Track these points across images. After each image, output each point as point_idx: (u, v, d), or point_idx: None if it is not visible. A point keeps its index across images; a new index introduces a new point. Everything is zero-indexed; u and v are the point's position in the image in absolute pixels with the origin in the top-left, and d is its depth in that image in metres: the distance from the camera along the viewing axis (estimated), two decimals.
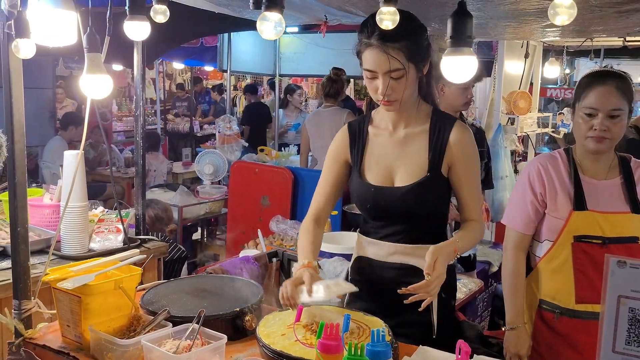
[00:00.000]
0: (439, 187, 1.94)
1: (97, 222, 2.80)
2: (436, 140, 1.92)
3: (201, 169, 5.36)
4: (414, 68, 1.83)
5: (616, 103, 2.05)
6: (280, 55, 7.23)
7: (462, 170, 1.93)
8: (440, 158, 1.91)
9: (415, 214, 1.94)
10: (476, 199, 1.97)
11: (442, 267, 1.75)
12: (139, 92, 2.83)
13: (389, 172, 1.97)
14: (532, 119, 5.03)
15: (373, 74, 1.84)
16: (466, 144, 1.93)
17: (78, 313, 1.74)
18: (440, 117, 1.97)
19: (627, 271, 1.00)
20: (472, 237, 1.96)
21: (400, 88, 1.83)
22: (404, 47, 1.78)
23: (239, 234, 4.79)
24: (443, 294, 1.91)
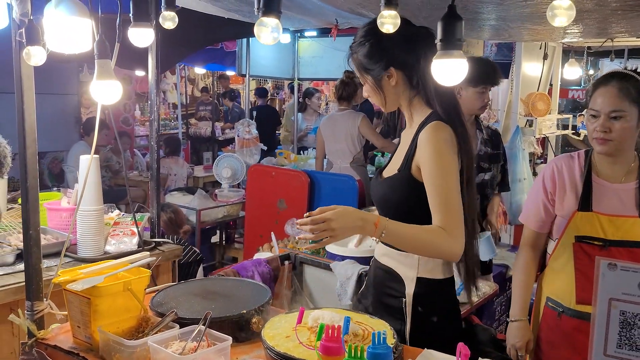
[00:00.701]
0: (407, 187, 1.87)
1: (113, 225, 2.85)
2: (412, 140, 1.90)
3: (219, 173, 5.41)
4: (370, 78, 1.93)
5: (616, 104, 2.04)
6: (299, 59, 7.27)
7: (424, 170, 1.81)
8: (410, 159, 1.87)
9: (384, 207, 1.96)
10: (440, 203, 1.76)
11: (335, 219, 1.68)
12: (154, 97, 2.87)
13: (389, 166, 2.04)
14: (552, 121, 4.97)
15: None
16: (429, 144, 1.79)
17: (88, 314, 1.78)
18: (429, 117, 1.91)
19: (617, 274, 0.99)
20: (422, 236, 1.75)
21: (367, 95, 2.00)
22: (357, 60, 1.94)
23: (256, 237, 4.82)
24: (420, 307, 1.89)
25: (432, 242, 1.75)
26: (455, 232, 1.74)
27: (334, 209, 1.71)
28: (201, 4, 2.91)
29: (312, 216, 1.72)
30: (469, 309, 2.84)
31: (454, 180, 1.79)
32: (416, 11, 2.47)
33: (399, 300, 1.91)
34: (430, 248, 1.77)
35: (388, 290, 1.95)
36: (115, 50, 1.97)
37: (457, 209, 1.77)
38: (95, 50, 1.87)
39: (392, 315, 1.91)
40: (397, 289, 1.92)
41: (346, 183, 4.46)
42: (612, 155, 2.13)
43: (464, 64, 1.40)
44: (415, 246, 1.79)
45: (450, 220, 1.75)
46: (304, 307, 1.84)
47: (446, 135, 1.82)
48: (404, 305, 1.89)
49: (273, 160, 6.59)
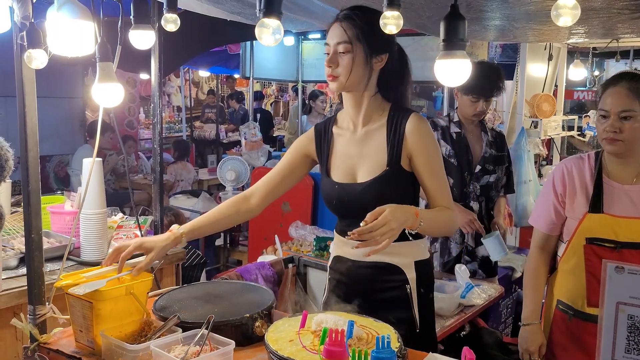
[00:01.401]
0: (400, 180, 1.94)
1: (116, 229, 2.85)
2: (393, 133, 1.94)
3: (223, 175, 5.40)
4: (361, 50, 1.88)
5: (626, 104, 2.04)
6: (303, 62, 7.26)
7: (421, 160, 1.92)
8: (399, 151, 1.93)
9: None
10: (442, 186, 1.95)
11: (392, 218, 1.67)
12: (156, 100, 2.85)
13: (352, 170, 2.00)
14: (557, 122, 4.94)
15: (327, 47, 1.94)
16: (422, 133, 1.93)
17: (90, 318, 1.77)
18: (397, 110, 1.98)
19: (625, 277, 0.97)
20: (440, 216, 1.91)
21: (345, 64, 1.89)
22: (357, 26, 1.88)
23: (260, 240, 4.82)
24: (422, 289, 1.97)
25: (449, 221, 1.95)
26: (453, 207, 1.96)
27: (386, 210, 1.69)
28: (204, 6, 2.90)
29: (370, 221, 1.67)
30: (474, 311, 2.82)
31: (442, 164, 1.99)
32: (420, 11, 2.45)
33: (402, 288, 1.95)
34: (448, 227, 2.00)
35: (385, 284, 1.97)
36: (116, 53, 1.96)
37: (449, 192, 1.99)
38: (97, 53, 1.86)
39: (395, 307, 1.94)
40: (397, 279, 1.96)
41: None
42: (622, 155, 2.12)
43: (467, 65, 1.38)
44: (440, 228, 1.99)
45: (446, 199, 1.95)
46: (307, 311, 1.82)
47: (428, 124, 1.99)
48: (409, 291, 1.95)
49: (277, 162, 6.58)
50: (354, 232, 1.67)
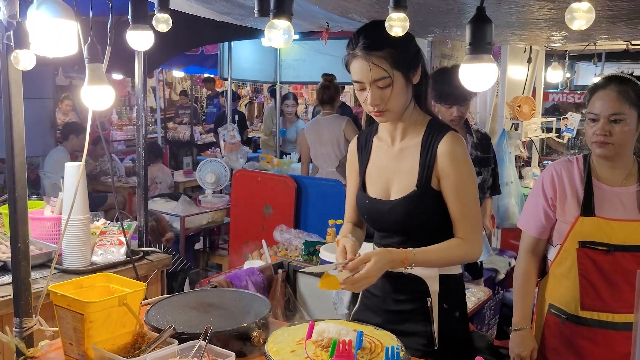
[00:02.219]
0: (429, 201, 1.86)
1: (99, 235, 2.76)
2: (426, 152, 1.87)
3: (203, 178, 5.31)
4: (401, 76, 1.80)
5: (616, 107, 2.04)
6: (281, 63, 7.20)
7: (448, 183, 1.85)
8: (429, 172, 1.85)
9: (406, 228, 1.91)
10: (464, 215, 1.86)
11: (373, 270, 1.71)
12: (141, 101, 2.78)
13: (386, 185, 1.95)
14: (536, 124, 4.99)
15: (361, 84, 1.83)
16: (453, 157, 1.84)
17: (81, 331, 1.69)
18: (434, 127, 1.90)
19: None
20: (446, 254, 1.85)
21: (390, 98, 1.80)
22: (388, 54, 1.76)
23: (241, 244, 4.74)
24: (445, 304, 1.89)
25: (455, 256, 1.87)
26: (472, 238, 1.86)
27: (369, 260, 1.72)
28: (193, 6, 2.83)
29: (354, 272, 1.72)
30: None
31: (474, 190, 1.89)
32: (411, 14, 2.42)
33: (422, 300, 1.89)
34: (453, 261, 1.91)
35: (405, 294, 1.91)
36: (106, 53, 1.89)
37: (475, 217, 1.88)
38: (87, 54, 1.79)
39: (414, 319, 1.88)
40: (419, 291, 1.89)
41: (333, 188, 4.40)
42: (612, 159, 2.12)
43: (494, 69, 1.35)
44: (440, 265, 1.88)
45: (469, 229, 1.86)
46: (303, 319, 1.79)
47: (464, 146, 1.88)
48: (430, 305, 1.88)
49: (256, 164, 6.51)
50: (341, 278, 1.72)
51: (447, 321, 1.90)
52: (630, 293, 2.08)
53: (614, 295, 2.09)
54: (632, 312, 2.05)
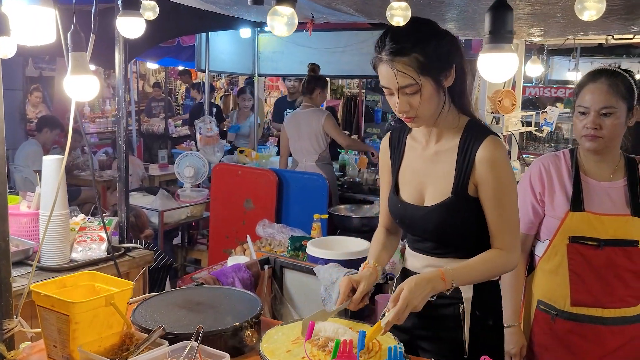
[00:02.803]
0: (465, 209, 1.78)
1: (79, 231, 2.66)
2: (463, 158, 1.76)
3: (181, 172, 5.21)
4: (430, 81, 1.69)
5: (607, 101, 2.02)
6: (259, 55, 7.11)
7: (487, 191, 1.75)
8: (466, 178, 1.76)
9: (440, 234, 1.83)
10: (503, 225, 1.77)
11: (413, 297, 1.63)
12: (121, 93, 2.69)
13: (420, 189, 1.87)
14: (517, 117, 4.99)
15: (388, 90, 1.74)
16: (493, 163, 1.73)
17: (66, 333, 1.61)
18: (472, 131, 1.79)
19: None
20: (485, 267, 1.77)
21: (417, 103, 1.70)
22: (414, 61, 1.65)
23: (221, 238, 4.67)
24: (477, 311, 1.81)
25: (494, 269, 1.80)
26: (512, 248, 1.79)
27: (404, 289, 1.65)
28: None
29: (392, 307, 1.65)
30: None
31: (515, 197, 1.82)
32: None
33: (455, 307, 1.81)
34: (493, 274, 1.83)
35: (438, 300, 1.77)
36: (90, 42, 1.80)
37: (516, 225, 1.82)
38: (70, 42, 1.71)
39: (444, 325, 1.81)
40: (450, 296, 1.78)
41: (316, 182, 4.35)
42: (600, 152, 2.11)
43: (514, 59, 1.30)
44: (482, 279, 1.81)
45: (511, 240, 1.79)
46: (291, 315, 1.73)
47: (505, 151, 1.79)
48: (461, 311, 1.80)
49: (234, 158, 6.42)
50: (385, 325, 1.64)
51: (479, 329, 1.82)
52: (620, 288, 2.08)
53: (604, 290, 2.08)
54: (621, 306, 2.08)
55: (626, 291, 2.08)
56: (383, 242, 2.02)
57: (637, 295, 2.10)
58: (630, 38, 4.51)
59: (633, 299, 2.09)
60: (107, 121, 10.71)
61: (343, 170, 5.83)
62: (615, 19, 2.85)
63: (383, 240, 2.03)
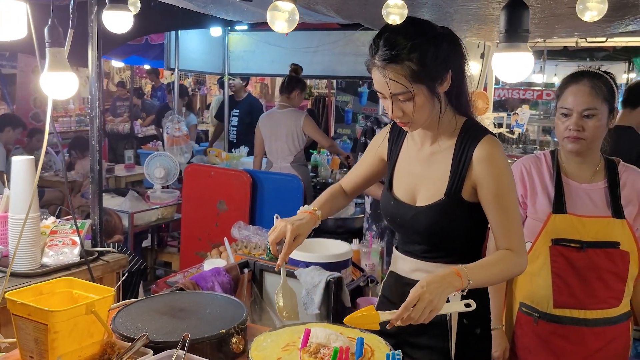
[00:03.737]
0: (457, 212, 1.75)
1: (50, 234, 2.56)
2: (459, 159, 1.74)
3: (151, 173, 5.09)
4: (424, 89, 1.65)
5: (589, 102, 2.03)
6: (229, 54, 7.02)
7: (487, 192, 1.72)
8: (461, 180, 1.73)
9: (430, 236, 1.80)
10: (508, 225, 1.73)
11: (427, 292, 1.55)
12: (95, 91, 2.60)
13: (413, 189, 1.84)
14: (489, 119, 5.03)
15: (382, 94, 1.71)
16: (492, 162, 1.70)
17: (44, 343, 1.53)
18: (468, 131, 1.76)
19: None
20: (497, 267, 1.71)
21: (410, 110, 1.67)
22: (407, 68, 1.61)
23: (194, 240, 4.58)
24: (465, 320, 1.78)
25: (507, 270, 1.74)
26: (520, 249, 1.74)
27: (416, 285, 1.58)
28: None
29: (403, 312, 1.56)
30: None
31: (516, 197, 1.79)
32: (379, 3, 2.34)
33: (442, 315, 1.74)
34: (506, 275, 1.79)
35: None
36: (68, 38, 1.72)
37: (519, 226, 1.77)
38: (47, 37, 1.63)
39: (430, 333, 1.78)
40: None
41: (290, 183, 4.31)
42: (582, 154, 2.12)
43: (530, 58, 1.28)
44: (496, 281, 1.81)
45: (515, 240, 1.73)
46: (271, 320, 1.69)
47: (502, 150, 1.75)
48: (448, 319, 1.77)
49: (204, 159, 6.32)
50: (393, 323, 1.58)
51: (466, 338, 1.80)
52: (601, 289, 2.09)
53: (586, 292, 2.09)
54: (603, 308, 2.09)
55: (608, 293, 2.09)
56: (334, 194, 2.02)
57: (618, 296, 2.11)
58: (602, 41, 4.59)
59: (614, 300, 2.11)
60: (71, 120, 10.44)
61: (315, 171, 5.80)
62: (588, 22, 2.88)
63: (335, 194, 2.03)
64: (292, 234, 1.75)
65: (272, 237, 1.79)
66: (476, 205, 1.76)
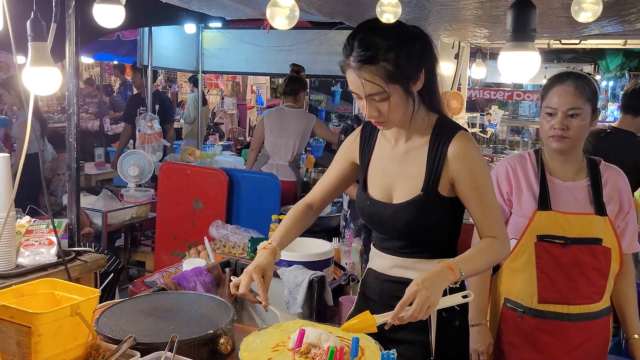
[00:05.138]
0: (434, 207, 1.78)
1: (25, 234, 2.49)
2: (434, 155, 1.77)
3: (125, 171, 5.00)
4: (398, 88, 1.67)
5: (574, 102, 2.08)
6: (203, 51, 6.95)
7: (465, 186, 1.76)
8: (437, 176, 1.76)
9: (409, 233, 1.81)
10: (490, 214, 1.78)
11: (417, 291, 1.56)
12: (72, 87, 2.54)
13: (388, 188, 1.85)
14: (463, 119, 5.10)
15: (357, 95, 1.72)
16: (467, 157, 1.74)
17: (27, 346, 1.49)
18: (442, 128, 1.79)
19: None
20: (485, 255, 1.75)
21: (386, 110, 1.70)
22: (382, 69, 1.63)
23: (169, 240, 4.52)
24: (444, 313, 1.80)
25: (494, 257, 1.80)
26: (502, 236, 1.79)
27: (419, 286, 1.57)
28: None
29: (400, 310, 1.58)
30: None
31: (492, 187, 1.83)
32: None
33: None
34: (493, 261, 1.84)
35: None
36: (51, 32, 1.67)
37: (499, 214, 1.83)
38: (30, 31, 1.58)
39: (410, 327, 1.73)
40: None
41: (268, 181, 4.27)
42: (566, 153, 2.16)
43: (537, 58, 1.28)
44: (484, 268, 1.84)
45: (497, 228, 1.79)
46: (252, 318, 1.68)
47: (476, 144, 1.80)
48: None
49: (177, 157, 6.23)
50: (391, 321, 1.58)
51: (446, 331, 1.82)
52: (585, 285, 2.14)
53: (569, 287, 2.13)
54: (586, 303, 2.13)
55: (590, 288, 2.14)
56: (297, 218, 1.99)
57: (600, 292, 2.16)
58: (576, 43, 4.68)
59: (596, 296, 2.15)
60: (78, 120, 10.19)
61: None
62: (565, 23, 2.94)
63: (298, 216, 2.00)
64: (257, 274, 1.76)
65: (242, 288, 1.77)
66: (452, 200, 1.80)
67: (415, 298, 1.56)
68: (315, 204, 2.04)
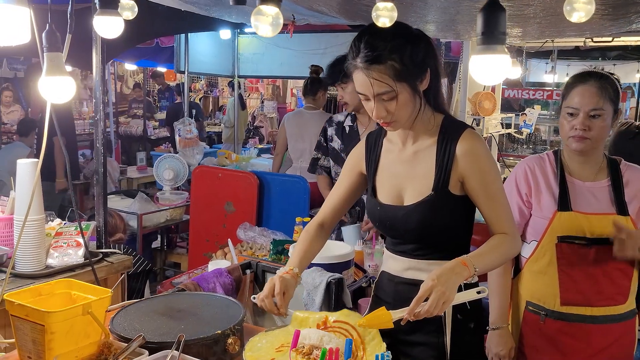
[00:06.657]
0: (447, 206, 1.78)
1: (55, 236, 2.59)
2: (443, 154, 1.77)
3: (160, 174, 5.13)
4: (406, 87, 1.70)
5: (596, 103, 2.04)
6: (239, 56, 7.06)
7: (475, 183, 1.76)
8: (447, 175, 1.76)
9: (422, 234, 1.81)
10: (500, 210, 1.79)
11: (438, 284, 1.57)
12: (99, 95, 2.63)
13: (398, 191, 1.86)
14: (497, 119, 5.02)
15: (364, 96, 1.74)
16: (475, 155, 1.75)
17: (41, 343, 1.56)
18: (449, 127, 1.80)
19: None
20: (497, 251, 1.75)
21: (394, 109, 1.71)
22: (390, 67, 1.66)
23: (202, 242, 4.61)
24: (459, 315, 1.79)
25: (506, 253, 1.79)
26: (513, 232, 1.80)
27: (435, 282, 1.59)
28: None
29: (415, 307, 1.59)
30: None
31: (501, 184, 1.84)
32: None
33: None
34: (506, 257, 1.84)
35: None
36: (66, 42, 1.75)
37: (509, 210, 1.84)
38: (45, 42, 1.65)
39: (425, 329, 1.78)
40: None
41: (297, 184, 4.31)
42: (586, 154, 2.12)
43: (507, 60, 1.28)
44: (497, 265, 1.83)
45: (509, 225, 1.80)
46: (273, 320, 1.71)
47: (483, 141, 1.81)
48: (443, 315, 1.78)
49: (214, 160, 6.35)
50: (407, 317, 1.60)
51: (461, 333, 1.81)
52: (608, 286, 2.09)
53: (592, 289, 2.09)
54: (610, 304, 2.08)
55: (614, 289, 2.09)
56: (310, 241, 1.98)
57: (624, 292, 2.11)
58: (609, 41, 4.55)
59: (620, 297, 2.11)
60: (85, 123, 10.56)
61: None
62: (594, 21, 2.87)
63: (311, 238, 1.99)
64: (280, 284, 1.77)
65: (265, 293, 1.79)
66: (463, 198, 1.80)
67: (431, 294, 1.57)
68: (326, 223, 2.04)
